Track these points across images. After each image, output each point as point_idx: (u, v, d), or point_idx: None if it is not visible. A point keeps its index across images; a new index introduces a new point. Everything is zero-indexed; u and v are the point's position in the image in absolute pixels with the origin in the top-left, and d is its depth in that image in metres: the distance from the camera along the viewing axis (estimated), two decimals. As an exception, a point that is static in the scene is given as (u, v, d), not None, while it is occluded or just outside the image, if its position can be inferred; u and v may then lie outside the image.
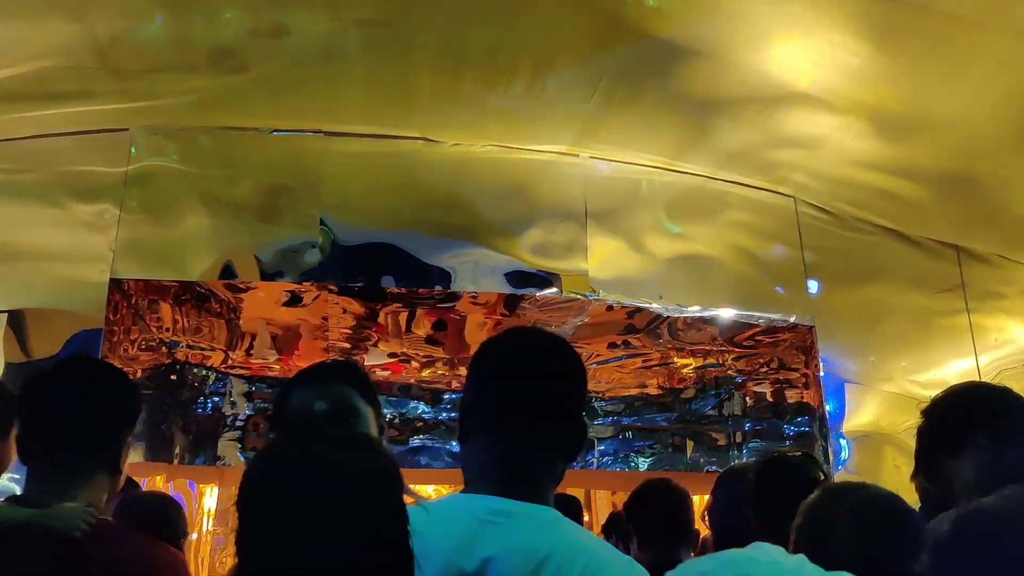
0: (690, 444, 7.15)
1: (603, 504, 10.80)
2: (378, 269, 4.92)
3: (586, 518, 12.66)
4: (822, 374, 5.40)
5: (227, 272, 4.91)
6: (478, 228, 5.13)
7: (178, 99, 4.89)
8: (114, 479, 2.25)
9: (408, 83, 4.68)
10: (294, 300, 5.16)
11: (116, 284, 4.86)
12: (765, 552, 2.03)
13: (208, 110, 4.99)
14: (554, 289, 5.05)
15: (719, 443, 6.93)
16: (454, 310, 5.29)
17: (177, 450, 6.52)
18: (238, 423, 6.92)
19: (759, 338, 5.64)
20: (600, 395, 7.00)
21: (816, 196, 5.66)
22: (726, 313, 5.33)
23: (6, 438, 2.45)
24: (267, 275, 4.92)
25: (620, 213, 5.34)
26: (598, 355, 6.00)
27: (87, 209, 4.98)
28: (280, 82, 4.76)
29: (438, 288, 4.97)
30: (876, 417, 5.66)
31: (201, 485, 7.23)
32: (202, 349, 6.02)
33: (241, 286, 4.99)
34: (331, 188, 5.10)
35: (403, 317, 5.57)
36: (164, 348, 5.81)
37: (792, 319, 5.42)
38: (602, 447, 7.33)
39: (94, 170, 5.06)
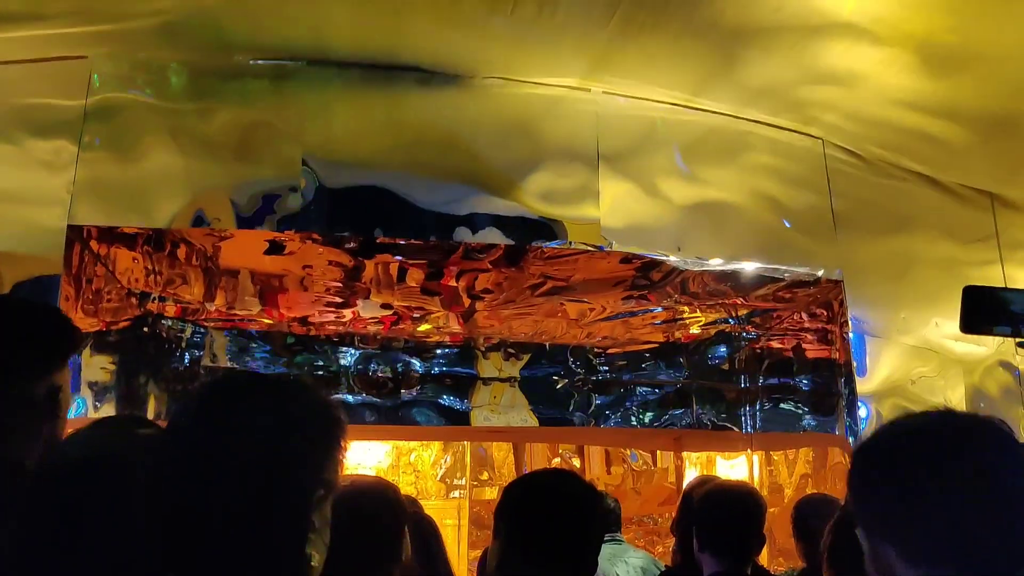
0: (695, 400, 6.68)
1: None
2: (367, 216, 4.34)
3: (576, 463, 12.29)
4: (850, 332, 4.89)
5: (200, 219, 4.33)
6: (478, 171, 4.55)
7: (143, 21, 4.25)
8: None
9: (401, 5, 4.07)
10: (275, 248, 4.58)
11: (75, 230, 4.29)
12: None
13: (178, 35, 4.37)
14: (562, 240, 4.50)
15: (729, 399, 6.45)
16: (451, 262, 4.73)
17: (152, 406, 5.99)
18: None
19: (780, 293, 5.12)
20: (603, 350, 6.50)
21: (847, 138, 5.09)
22: (749, 266, 4.79)
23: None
24: (244, 222, 4.34)
25: (635, 155, 4.76)
26: (604, 309, 5.47)
27: (41, 147, 4.37)
28: (258, 3, 4.15)
29: (433, 239, 4.40)
30: (903, 375, 5.17)
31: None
32: (178, 301, 5.45)
33: (215, 234, 4.41)
34: (315, 125, 4.49)
35: (394, 268, 5.01)
36: (133, 299, 5.24)
37: (819, 273, 4.89)
38: (599, 400, 6.85)
39: (48, 103, 4.44)
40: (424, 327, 6.07)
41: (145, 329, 5.52)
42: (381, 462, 11.45)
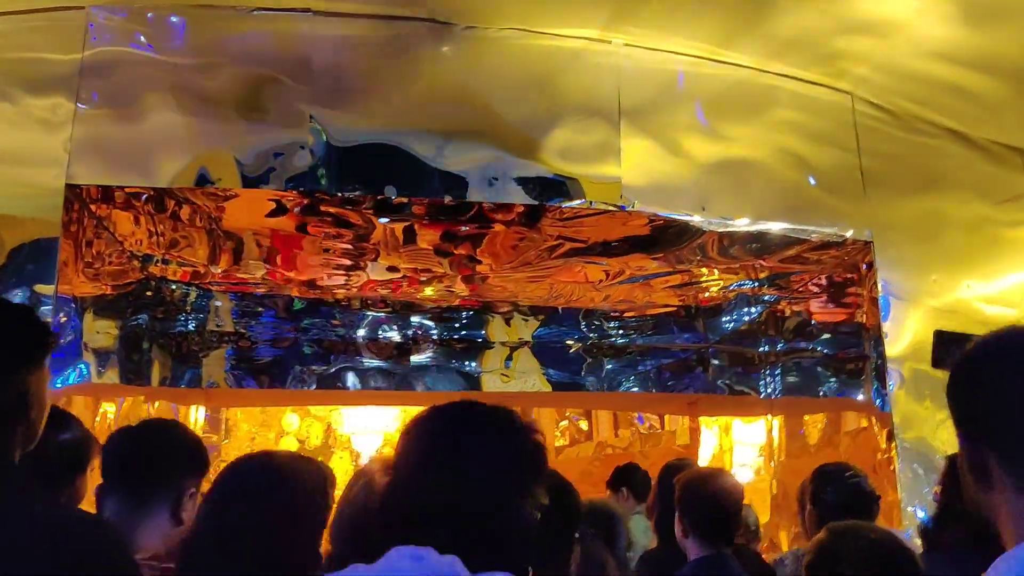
0: (712, 364, 6.48)
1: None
2: (378, 175, 4.10)
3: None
4: (880, 294, 4.67)
5: (203, 178, 4.10)
6: (494, 128, 4.30)
7: (141, -31, 4.03)
8: None
9: (414, -50, 3.82)
10: (281, 210, 4.36)
11: (73, 191, 4.06)
12: None
13: (177, -16, 4.14)
14: (582, 200, 4.27)
15: (748, 363, 6.25)
16: (465, 223, 4.50)
17: (156, 371, 5.80)
18: (225, 341, 6.19)
19: (806, 254, 4.89)
20: (619, 313, 6.28)
21: (877, 92, 4.83)
22: (775, 227, 4.56)
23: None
24: (250, 181, 4.11)
25: (657, 111, 4.50)
26: (622, 272, 5.24)
27: (37, 103, 4.13)
28: (261, -51, 3.90)
29: (448, 198, 4.17)
30: (926, 337, 4.94)
31: (184, 408, 6.56)
32: (182, 264, 5.23)
33: (219, 194, 4.19)
34: (323, 80, 4.25)
35: (401, 229, 4.78)
36: (136, 262, 5.02)
37: (848, 234, 4.66)
38: (612, 365, 6.65)
39: (43, 57, 4.20)
40: (433, 290, 5.85)
41: (148, 293, 5.31)
42: (388, 427, 11.29)
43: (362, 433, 10.50)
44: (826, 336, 5.45)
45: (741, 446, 6.92)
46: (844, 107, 4.83)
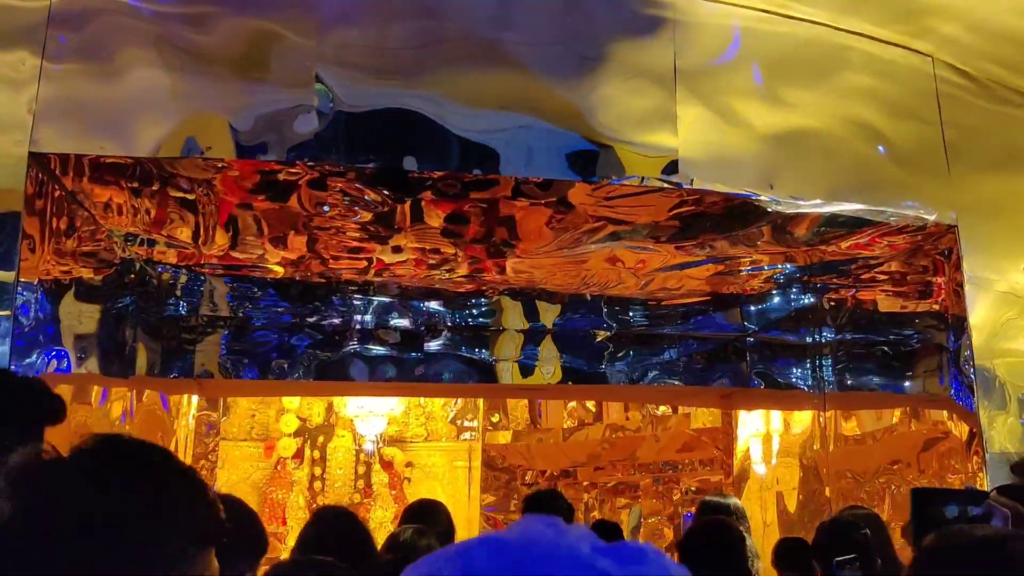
0: (749, 355, 5.85)
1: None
2: (394, 144, 3.45)
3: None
4: (966, 286, 4.05)
5: (191, 147, 3.45)
6: (529, 89, 3.65)
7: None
8: None
9: None
10: (279, 186, 3.70)
11: (38, 159, 3.41)
12: None
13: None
14: (632, 176, 3.61)
15: (794, 354, 5.62)
16: (492, 200, 3.85)
17: (143, 361, 5.16)
18: (219, 327, 5.55)
19: (878, 239, 4.26)
20: (658, 302, 5.63)
21: (961, 54, 4.18)
22: (850, 208, 3.92)
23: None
24: (245, 150, 3.46)
25: (717, 73, 3.85)
26: (667, 259, 4.59)
27: (-4, 57, 3.48)
28: None
29: (477, 172, 3.52)
30: (993, 323, 4.31)
31: (174, 398, 5.92)
32: (170, 245, 4.57)
33: (210, 165, 3.53)
34: (331, 32, 3.59)
35: (430, 209, 4.13)
36: (116, 241, 4.36)
37: (932, 217, 4.03)
38: (639, 355, 6.01)
39: (6, 4, 3.54)
40: (453, 274, 5.22)
41: (132, 276, 4.66)
42: (394, 409, 10.71)
43: (365, 417, 9.92)
44: (890, 327, 4.83)
45: (778, 437, 6.31)
46: (924, 72, 4.17)
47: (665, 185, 3.57)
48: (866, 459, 5.04)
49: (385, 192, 3.64)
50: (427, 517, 3.50)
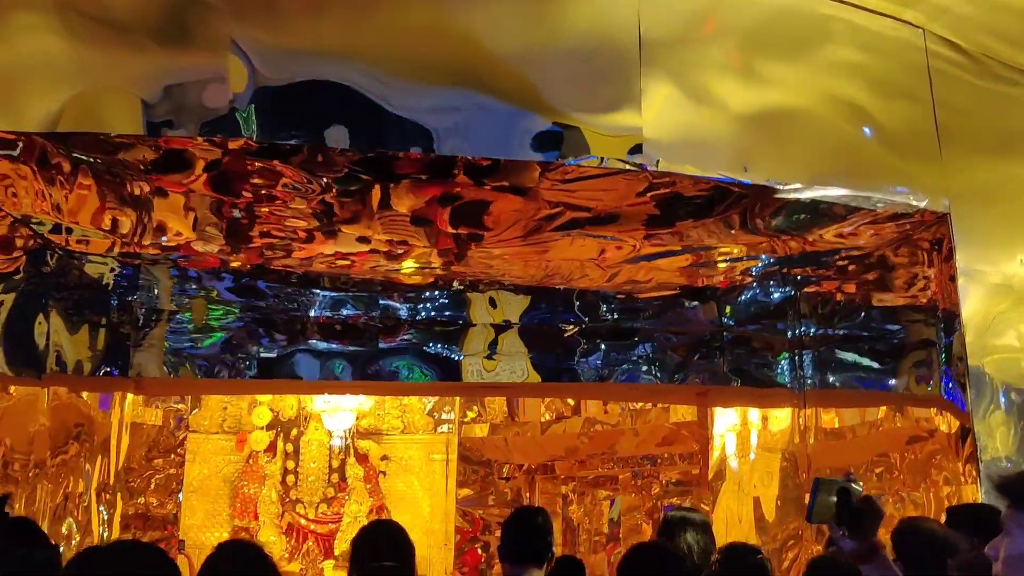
0: (729, 350, 5.46)
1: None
2: (321, 119, 3.03)
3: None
4: (959, 278, 3.66)
5: (91, 120, 3.02)
6: (478, 63, 3.24)
7: None
8: None
9: None
10: (199, 164, 3.27)
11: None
12: None
13: None
14: (591, 156, 3.20)
15: (772, 350, 5.23)
16: (442, 184, 3.43)
17: (72, 356, 4.73)
18: (157, 322, 5.12)
19: (863, 228, 3.86)
20: (626, 294, 5.22)
21: (955, 26, 3.78)
22: (834, 193, 3.52)
23: None
24: (154, 126, 3.04)
25: (687, 46, 3.44)
26: (635, 248, 4.18)
27: None
28: None
29: (416, 150, 3.11)
30: (984, 317, 3.94)
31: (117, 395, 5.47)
32: (86, 232, 4.13)
33: (113, 142, 3.10)
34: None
35: (375, 192, 3.71)
36: (24, 229, 3.91)
37: (923, 204, 3.63)
38: (611, 350, 5.61)
39: None
40: (407, 266, 4.80)
41: (47, 267, 4.22)
42: (362, 404, 10.29)
43: (332, 412, 9.51)
44: (875, 321, 4.45)
45: (755, 431, 5.92)
46: (915, 46, 3.78)
47: (628, 167, 3.16)
48: (848, 457, 4.68)
49: (306, 174, 3.21)
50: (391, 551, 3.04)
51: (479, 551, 12.81)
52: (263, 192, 3.60)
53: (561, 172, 3.19)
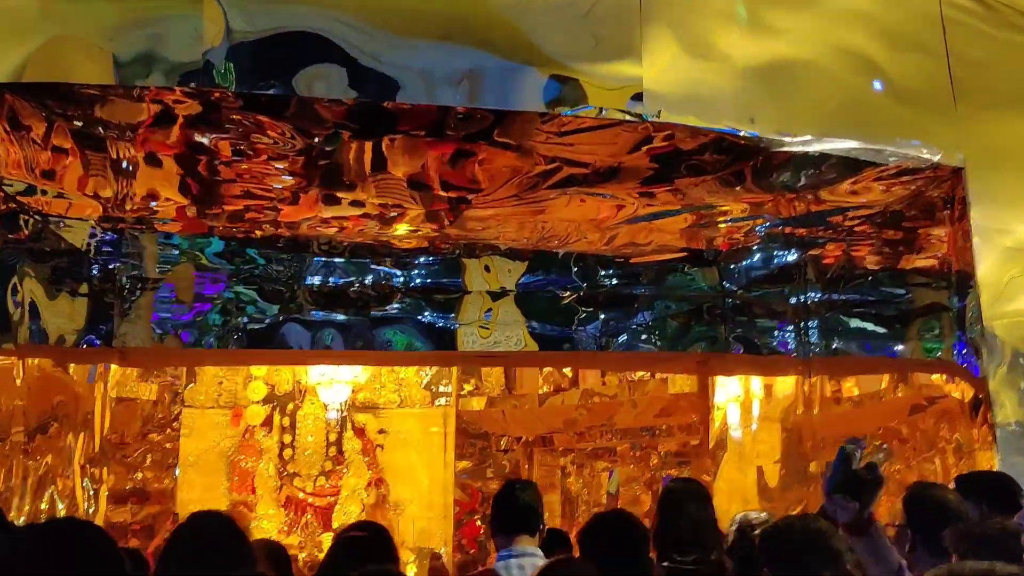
0: (729, 317, 5.29)
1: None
2: (292, 67, 2.84)
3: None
4: (973, 235, 3.49)
5: (58, 71, 2.84)
6: (473, 14, 3.06)
7: None
8: None
9: None
10: (169, 116, 3.09)
11: None
12: None
13: None
14: (588, 106, 3.02)
15: (776, 315, 5.06)
16: (434, 139, 3.25)
17: (55, 327, 4.56)
18: (144, 290, 4.94)
19: (873, 184, 3.68)
20: (624, 259, 5.05)
21: (971, -26, 3.60)
22: (844, 146, 3.34)
23: None
24: (126, 78, 2.85)
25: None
26: (635, 206, 3.99)
27: None
28: None
29: (402, 99, 2.92)
30: (996, 280, 3.77)
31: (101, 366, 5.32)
32: (62, 195, 3.93)
33: (83, 94, 2.91)
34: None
35: (368, 150, 3.53)
36: (-1, 191, 3.72)
37: (936, 158, 3.46)
38: (610, 317, 5.44)
39: None
40: (400, 229, 4.62)
41: (21, 233, 4.03)
42: (358, 377, 10.14)
43: (328, 385, 9.35)
44: (883, 285, 4.28)
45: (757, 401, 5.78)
46: (927, -7, 3.59)
47: (627, 118, 2.98)
48: (854, 425, 4.53)
49: (286, 127, 3.03)
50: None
51: (478, 523, 12.75)
52: (245, 149, 3.43)
53: (558, 124, 3.02)
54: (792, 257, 4.81)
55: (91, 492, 4.77)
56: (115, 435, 11.22)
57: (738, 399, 5.78)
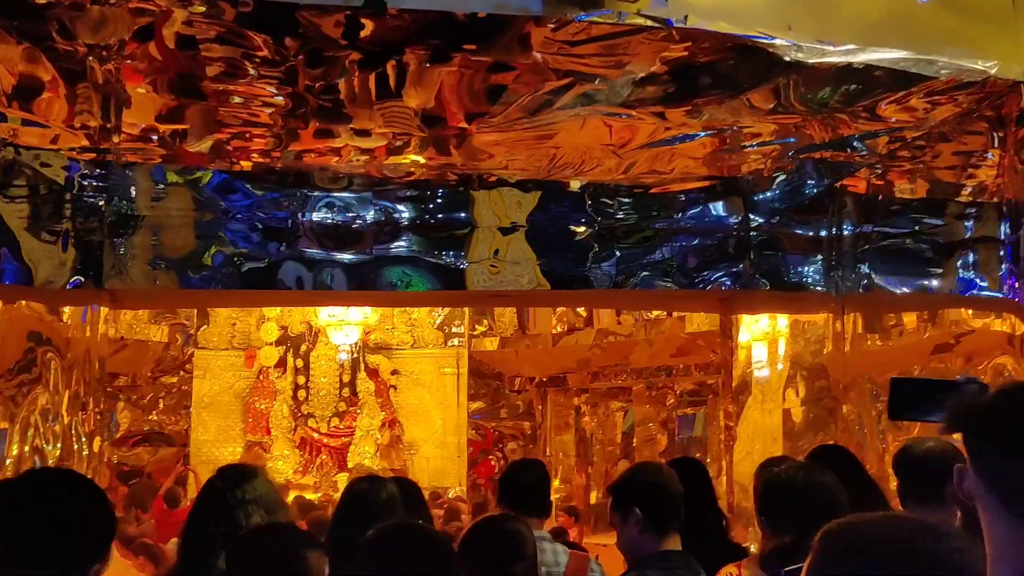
0: (757, 251, 4.94)
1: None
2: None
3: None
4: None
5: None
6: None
7: None
8: None
9: None
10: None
11: None
12: None
13: None
14: (606, 11, 2.66)
15: (805, 249, 4.72)
16: (431, 49, 2.89)
17: (42, 269, 4.28)
18: (134, 228, 4.62)
19: (920, 101, 3.31)
20: (644, 189, 4.69)
21: None
22: (891, 56, 2.97)
23: None
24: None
25: None
26: (654, 128, 3.62)
27: None
28: None
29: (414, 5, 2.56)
30: None
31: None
32: (39, 124, 3.61)
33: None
34: None
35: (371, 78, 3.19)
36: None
37: (992, 70, 3.08)
38: (627, 253, 5.09)
39: None
40: (404, 158, 4.27)
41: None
42: (368, 317, 9.88)
43: (337, 326, 9.10)
44: (924, 215, 3.94)
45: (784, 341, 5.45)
46: None
47: (649, 24, 2.61)
48: (891, 367, 4.22)
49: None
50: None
51: (492, 462, 12.67)
52: (231, 68, 3.09)
53: (570, 31, 2.64)
54: (824, 186, 4.45)
55: (84, 439, 4.53)
56: (126, 378, 11.12)
57: (764, 337, 5.45)
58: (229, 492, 2.19)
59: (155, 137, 4.11)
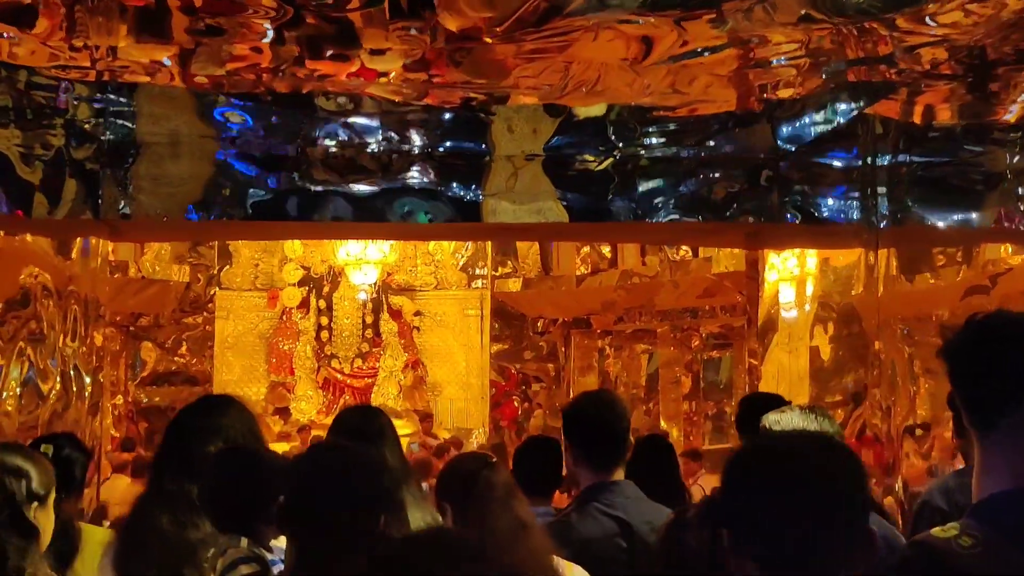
0: (781, 185, 4.67)
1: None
2: None
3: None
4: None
5: None
6: None
7: None
8: None
9: None
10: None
11: None
12: None
13: None
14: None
15: (836, 181, 4.45)
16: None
17: (40, 198, 4.10)
18: (134, 155, 4.42)
19: (966, 6, 2.99)
20: (666, 112, 4.41)
21: None
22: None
23: None
24: None
25: None
26: (669, 44, 3.32)
27: None
28: None
29: None
30: None
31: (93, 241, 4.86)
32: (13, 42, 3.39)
33: None
34: None
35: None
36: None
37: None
38: (648, 185, 4.84)
39: None
40: (419, 75, 4.01)
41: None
42: (386, 255, 9.69)
43: (355, 265, 8.93)
44: (966, 143, 3.65)
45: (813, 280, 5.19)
46: None
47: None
48: (926, 306, 3.97)
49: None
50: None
51: (515, 404, 12.57)
52: None
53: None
54: (857, 111, 4.15)
55: (87, 380, 4.39)
56: (148, 318, 11.06)
57: (791, 274, 5.19)
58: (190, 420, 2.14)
59: (155, 59, 3.90)
